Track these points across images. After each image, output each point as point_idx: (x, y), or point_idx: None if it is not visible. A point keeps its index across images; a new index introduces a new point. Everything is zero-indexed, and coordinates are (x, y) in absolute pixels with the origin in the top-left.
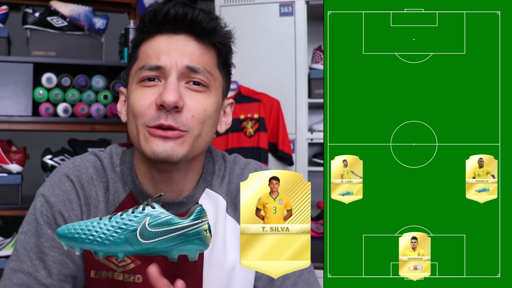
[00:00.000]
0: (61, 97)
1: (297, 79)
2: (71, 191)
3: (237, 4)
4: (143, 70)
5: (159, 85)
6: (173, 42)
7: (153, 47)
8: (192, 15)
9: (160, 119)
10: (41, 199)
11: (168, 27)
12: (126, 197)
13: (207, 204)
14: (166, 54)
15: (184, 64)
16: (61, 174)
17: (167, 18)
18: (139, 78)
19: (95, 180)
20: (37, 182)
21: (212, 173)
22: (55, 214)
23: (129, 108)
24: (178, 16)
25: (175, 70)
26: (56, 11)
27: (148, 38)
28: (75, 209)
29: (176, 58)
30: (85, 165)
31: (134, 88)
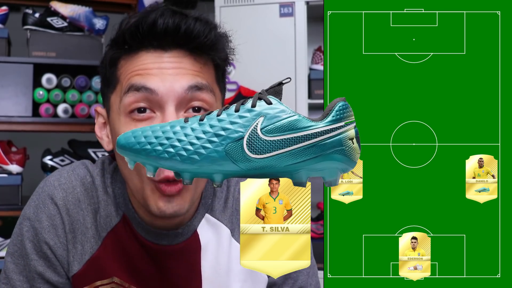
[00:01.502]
0: (61, 98)
1: (297, 79)
2: (56, 216)
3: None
4: (130, 93)
5: (154, 117)
6: (164, 60)
7: (138, 64)
8: (187, 27)
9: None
10: (27, 223)
11: (156, 43)
12: (120, 221)
13: (207, 232)
14: (156, 75)
15: (184, 86)
16: (46, 195)
17: (155, 31)
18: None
19: (83, 203)
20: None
21: (213, 195)
22: (40, 242)
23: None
24: (169, 29)
25: (172, 98)
26: (56, 11)
27: (128, 56)
28: (60, 236)
29: (169, 79)
30: (72, 183)
31: (122, 122)
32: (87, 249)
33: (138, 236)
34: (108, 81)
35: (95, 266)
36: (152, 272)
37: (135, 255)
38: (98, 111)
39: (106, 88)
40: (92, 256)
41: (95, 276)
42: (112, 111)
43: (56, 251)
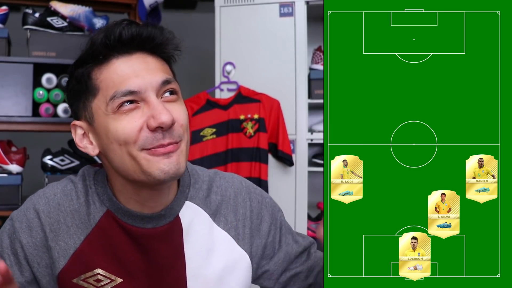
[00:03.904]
0: (61, 98)
1: (297, 79)
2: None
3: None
4: (116, 99)
5: (140, 107)
6: (134, 63)
7: (115, 73)
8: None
9: (159, 140)
10: (10, 222)
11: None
12: (103, 216)
13: (188, 216)
14: (134, 77)
15: (159, 81)
16: (31, 203)
17: (121, 40)
18: (115, 107)
19: (62, 206)
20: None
21: (190, 185)
22: (15, 240)
23: (111, 138)
24: (134, 36)
25: (152, 90)
26: (56, 11)
27: (102, 65)
28: (34, 237)
29: (145, 77)
30: (53, 191)
31: (112, 119)
32: (70, 245)
33: (124, 224)
34: (84, 92)
35: (79, 260)
36: (137, 259)
37: (120, 245)
38: (75, 125)
39: (83, 99)
40: (76, 251)
41: (80, 270)
42: (98, 115)
43: (26, 250)
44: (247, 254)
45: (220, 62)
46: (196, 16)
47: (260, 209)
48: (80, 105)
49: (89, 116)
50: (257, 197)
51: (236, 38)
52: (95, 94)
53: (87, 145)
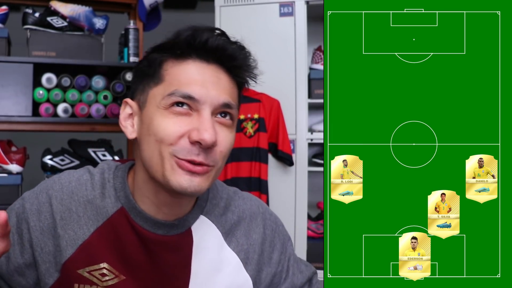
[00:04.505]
0: (61, 98)
1: (297, 79)
2: (45, 204)
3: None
4: (174, 97)
5: (192, 115)
6: (206, 72)
7: (184, 72)
8: (231, 49)
9: (192, 155)
10: (20, 201)
11: (205, 55)
12: (116, 212)
13: (200, 231)
14: (200, 85)
15: (221, 101)
16: (45, 186)
17: (206, 46)
18: (168, 103)
19: (75, 195)
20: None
21: (207, 200)
22: (23, 219)
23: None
24: (219, 47)
25: (210, 105)
26: (56, 11)
27: (176, 60)
28: (42, 221)
29: (211, 91)
30: (68, 179)
31: (160, 113)
32: (79, 235)
33: (135, 225)
34: (149, 76)
35: (87, 252)
36: (143, 261)
37: (129, 244)
38: (127, 102)
39: (145, 82)
40: (84, 242)
41: (86, 261)
42: (150, 104)
43: (32, 233)
44: (251, 280)
45: None
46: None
47: (273, 237)
48: (140, 87)
49: (143, 100)
50: (271, 225)
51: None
52: (157, 83)
53: (128, 126)
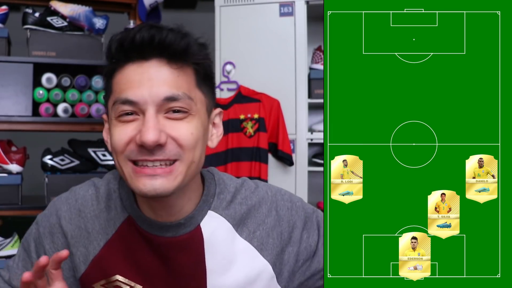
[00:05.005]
0: (61, 97)
1: (297, 79)
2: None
3: (237, 4)
4: (117, 105)
5: (138, 119)
6: (145, 70)
7: (124, 78)
8: (160, 37)
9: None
10: (35, 226)
11: (137, 54)
12: (124, 222)
13: (210, 227)
14: (138, 87)
15: (161, 96)
16: (54, 208)
17: (134, 44)
18: (116, 113)
19: (83, 212)
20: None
21: (215, 195)
22: (39, 244)
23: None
24: (145, 41)
25: (152, 104)
26: (56, 11)
27: (119, 68)
28: (56, 243)
29: (150, 90)
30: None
31: (114, 125)
32: (90, 251)
33: (143, 232)
34: (106, 90)
35: (99, 266)
36: (157, 266)
37: (140, 252)
38: (104, 118)
39: (106, 97)
40: (96, 256)
41: (100, 275)
42: (110, 117)
43: (50, 255)
44: (270, 265)
45: (220, 62)
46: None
47: (291, 216)
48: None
49: (109, 114)
50: (285, 204)
51: (236, 38)
52: (109, 95)
53: (108, 139)
